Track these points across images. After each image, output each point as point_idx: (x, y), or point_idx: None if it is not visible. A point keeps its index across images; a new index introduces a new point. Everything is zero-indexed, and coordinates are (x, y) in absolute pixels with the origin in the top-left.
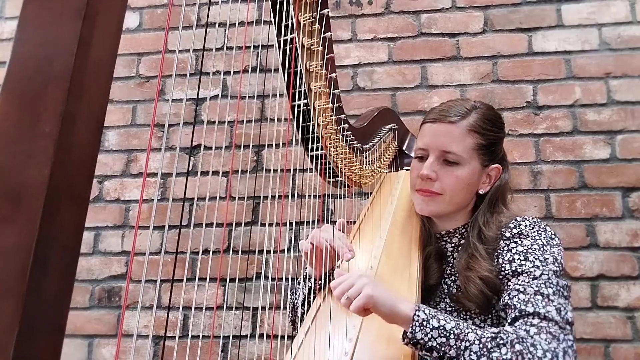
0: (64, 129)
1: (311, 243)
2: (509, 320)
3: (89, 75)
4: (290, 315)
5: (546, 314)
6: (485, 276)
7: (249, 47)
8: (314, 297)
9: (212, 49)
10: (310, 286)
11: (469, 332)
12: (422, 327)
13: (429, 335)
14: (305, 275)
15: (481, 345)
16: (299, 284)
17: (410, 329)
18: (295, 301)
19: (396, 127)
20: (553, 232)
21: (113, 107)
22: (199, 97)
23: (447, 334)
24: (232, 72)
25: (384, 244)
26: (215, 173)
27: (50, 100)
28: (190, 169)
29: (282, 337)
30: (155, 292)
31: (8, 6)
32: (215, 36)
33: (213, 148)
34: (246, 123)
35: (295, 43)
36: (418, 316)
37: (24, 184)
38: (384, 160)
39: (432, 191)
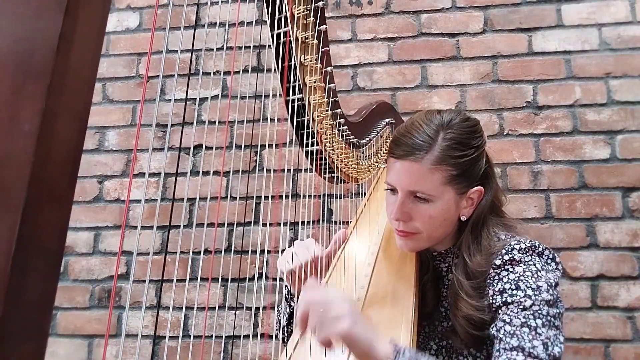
0: (45, 127)
1: (287, 261)
2: (494, 354)
3: (71, 71)
4: (281, 334)
5: (531, 350)
6: (470, 315)
7: (249, 47)
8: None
9: (212, 49)
10: (294, 306)
11: None
12: None
13: None
14: (287, 293)
15: None
16: (281, 304)
17: None
18: (283, 322)
19: (394, 121)
20: (550, 256)
21: (113, 107)
22: (199, 97)
23: None
24: (232, 72)
25: (381, 240)
26: (215, 173)
27: (29, 97)
28: (189, 169)
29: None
30: (154, 292)
31: None
32: (215, 36)
33: (214, 148)
34: (246, 123)
35: (289, 36)
36: None
37: (2, 184)
38: (381, 155)
39: (407, 232)
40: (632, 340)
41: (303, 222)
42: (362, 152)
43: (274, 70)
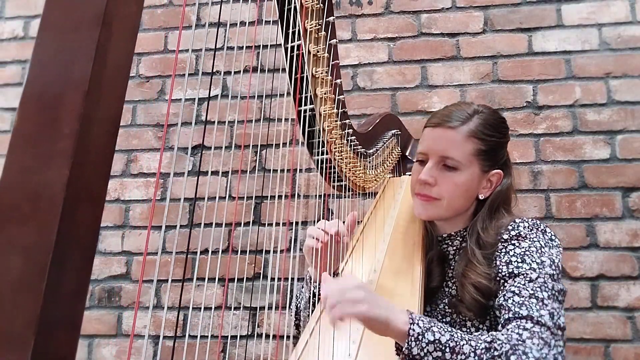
0: (83, 131)
1: (315, 238)
2: (502, 322)
3: (106, 79)
4: (295, 319)
5: (539, 318)
6: (479, 282)
7: (249, 47)
8: (318, 300)
9: (212, 49)
10: (313, 290)
11: (463, 344)
12: (417, 342)
13: (425, 350)
14: (308, 278)
15: (477, 358)
16: (302, 287)
17: (406, 344)
18: (298, 304)
19: (399, 132)
20: (553, 234)
21: None
22: (199, 97)
23: (443, 348)
24: (233, 72)
25: (387, 248)
26: (216, 173)
27: (69, 103)
28: (190, 169)
29: (282, 337)
30: (154, 292)
31: (8, 6)
32: (215, 36)
33: (212, 148)
34: (247, 123)
35: (302, 50)
36: (413, 330)
37: (43, 184)
38: (387, 165)
39: (430, 196)
40: (632, 340)
41: (305, 222)
42: (369, 162)
43: (275, 70)
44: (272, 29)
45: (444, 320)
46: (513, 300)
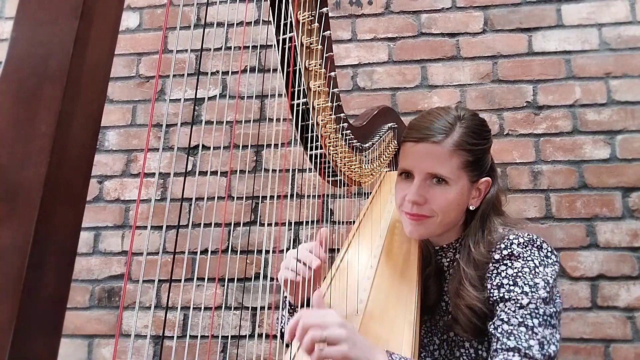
0: (61, 128)
1: (289, 269)
2: (492, 353)
3: (85, 74)
4: (282, 339)
5: (527, 351)
6: (474, 305)
7: (249, 47)
8: None
9: (212, 49)
10: (293, 313)
11: None
12: None
13: None
14: (286, 301)
15: None
16: (283, 310)
17: None
18: (283, 329)
19: (396, 126)
20: (549, 249)
21: (113, 107)
22: (199, 97)
23: None
24: (231, 72)
25: (383, 243)
26: (215, 173)
27: (46, 99)
28: (189, 169)
29: (282, 337)
30: (154, 292)
31: (8, 6)
32: (215, 36)
33: (212, 148)
34: (245, 123)
35: (294, 41)
36: None
37: (20, 183)
38: (383, 159)
39: (422, 215)
40: (632, 340)
41: (303, 222)
42: (365, 156)
43: (274, 70)
44: (271, 28)
45: (443, 337)
46: (502, 329)
